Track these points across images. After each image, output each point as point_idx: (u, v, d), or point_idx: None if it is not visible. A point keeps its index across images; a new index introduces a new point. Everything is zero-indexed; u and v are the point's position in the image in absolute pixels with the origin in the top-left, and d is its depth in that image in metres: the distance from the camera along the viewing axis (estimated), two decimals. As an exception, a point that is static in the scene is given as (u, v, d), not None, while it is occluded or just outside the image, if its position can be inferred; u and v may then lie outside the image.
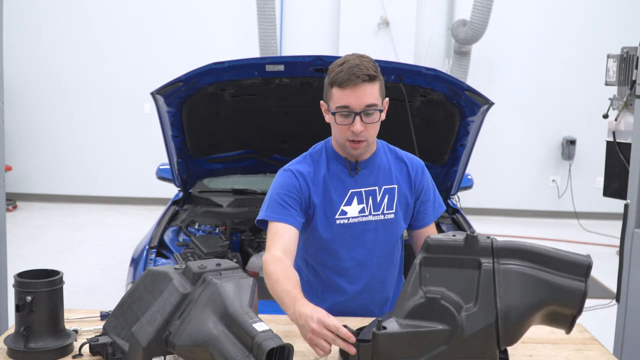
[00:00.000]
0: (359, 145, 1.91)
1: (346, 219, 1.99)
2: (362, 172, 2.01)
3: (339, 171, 2.01)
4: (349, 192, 1.99)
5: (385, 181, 2.02)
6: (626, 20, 7.00)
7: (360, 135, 1.88)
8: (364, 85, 1.84)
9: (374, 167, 2.02)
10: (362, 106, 1.85)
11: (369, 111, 1.86)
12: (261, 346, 1.32)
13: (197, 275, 1.51)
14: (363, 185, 2.00)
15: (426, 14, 7.18)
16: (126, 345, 1.50)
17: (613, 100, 2.82)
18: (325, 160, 2.03)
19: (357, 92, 1.84)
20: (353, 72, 1.83)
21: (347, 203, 1.99)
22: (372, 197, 2.00)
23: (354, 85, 1.83)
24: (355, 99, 1.84)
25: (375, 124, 1.90)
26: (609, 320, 2.95)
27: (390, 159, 2.07)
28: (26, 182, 7.42)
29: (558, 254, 1.53)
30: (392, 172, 2.04)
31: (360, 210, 2.00)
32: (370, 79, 1.84)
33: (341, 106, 1.86)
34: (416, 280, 1.51)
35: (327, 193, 1.99)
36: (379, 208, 2.01)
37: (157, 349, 1.45)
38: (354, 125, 1.86)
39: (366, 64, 1.86)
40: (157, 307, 1.48)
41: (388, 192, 2.02)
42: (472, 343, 1.47)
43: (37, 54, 7.24)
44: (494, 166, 7.41)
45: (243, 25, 7.14)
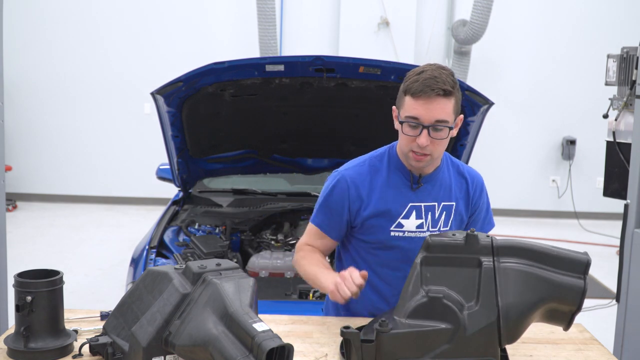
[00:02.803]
0: (422, 158, 1.83)
1: (402, 232, 1.92)
2: (424, 187, 1.93)
3: (400, 182, 1.92)
4: (408, 205, 1.91)
5: (444, 198, 1.95)
6: (626, 20, 7.00)
7: (426, 149, 1.80)
8: (438, 100, 1.76)
9: (436, 183, 1.94)
10: (431, 120, 1.77)
11: (438, 126, 1.78)
12: (261, 346, 1.32)
13: (197, 275, 1.51)
14: (424, 200, 1.92)
15: (426, 14, 7.18)
16: (126, 345, 1.50)
17: (613, 100, 2.82)
18: (387, 168, 1.94)
19: (429, 105, 1.76)
20: (429, 84, 1.75)
21: (405, 216, 1.91)
22: (431, 213, 1.93)
23: (427, 98, 1.76)
24: (426, 112, 1.77)
25: (443, 141, 1.82)
26: (609, 320, 2.95)
27: (452, 174, 1.99)
28: (26, 182, 7.42)
29: (557, 252, 1.53)
30: (452, 189, 1.96)
31: (419, 226, 1.92)
32: (445, 93, 1.76)
33: (410, 116, 1.79)
34: (417, 280, 1.51)
35: (385, 203, 1.91)
36: (436, 225, 1.94)
37: (157, 349, 1.45)
38: (420, 139, 1.79)
39: (444, 77, 1.78)
40: (157, 307, 1.48)
41: (446, 209, 1.94)
42: (475, 341, 1.47)
43: (37, 54, 7.24)
44: (494, 166, 7.40)
45: (243, 25, 7.14)
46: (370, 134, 3.47)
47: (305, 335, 1.76)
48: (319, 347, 1.68)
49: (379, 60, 2.86)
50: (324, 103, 3.18)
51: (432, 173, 1.94)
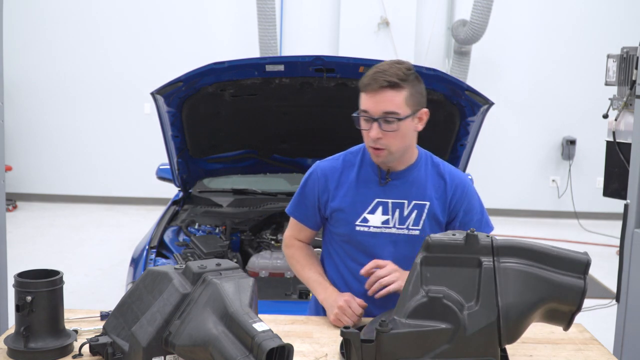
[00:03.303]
0: (379, 152, 1.85)
1: (367, 227, 1.93)
2: (392, 183, 1.93)
3: (369, 178, 1.95)
4: (374, 201, 1.93)
5: (416, 196, 1.93)
6: (626, 20, 7.00)
7: (379, 142, 1.83)
8: (384, 92, 1.79)
9: (407, 180, 1.94)
10: (379, 112, 1.80)
11: (387, 118, 1.80)
12: (261, 346, 1.32)
13: (197, 275, 1.51)
14: (391, 196, 1.93)
15: (426, 14, 7.18)
16: (126, 345, 1.50)
17: (613, 100, 2.82)
18: (360, 163, 1.97)
19: (376, 97, 1.80)
20: (375, 77, 1.79)
21: (371, 211, 1.93)
22: (399, 210, 1.92)
23: (373, 91, 1.80)
24: (373, 105, 1.81)
25: (396, 133, 1.82)
26: (609, 320, 2.95)
27: (430, 173, 1.97)
28: (26, 182, 7.43)
29: (557, 252, 1.53)
30: (426, 188, 1.94)
31: (384, 222, 1.93)
32: (391, 85, 1.79)
33: (362, 110, 1.84)
34: (417, 280, 1.51)
35: (352, 197, 1.94)
36: (404, 222, 1.93)
37: (157, 349, 1.45)
38: (371, 132, 1.82)
39: (394, 70, 1.80)
40: (157, 307, 1.48)
41: (417, 208, 1.93)
42: (475, 341, 1.47)
43: (37, 54, 7.24)
44: (494, 166, 7.40)
45: (243, 25, 7.14)
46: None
47: (305, 335, 1.76)
48: (319, 347, 1.68)
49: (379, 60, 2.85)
50: (324, 103, 3.17)
51: (404, 170, 1.94)
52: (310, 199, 2.00)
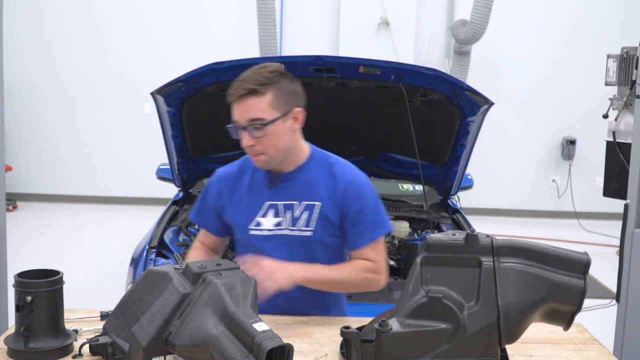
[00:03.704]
0: (257, 158, 1.85)
1: (259, 231, 1.92)
2: (282, 185, 1.92)
3: (261, 181, 1.95)
4: (265, 204, 1.92)
5: (307, 197, 1.90)
6: (626, 20, 7.00)
7: (253, 149, 1.83)
8: (246, 100, 1.78)
9: (297, 181, 1.92)
10: (245, 121, 1.80)
11: (255, 125, 1.79)
12: (261, 346, 1.32)
13: (197, 275, 1.51)
14: (281, 198, 1.91)
15: (426, 14, 7.18)
16: (126, 345, 1.50)
17: (613, 100, 2.82)
18: (253, 168, 1.96)
19: (240, 106, 1.80)
20: (235, 86, 1.80)
21: (263, 215, 1.92)
22: (290, 212, 1.90)
23: (236, 100, 1.80)
24: (239, 114, 1.81)
25: (267, 138, 1.81)
26: (609, 320, 2.95)
27: (323, 174, 1.93)
28: (26, 182, 7.43)
29: (557, 252, 1.53)
30: (317, 188, 1.90)
31: (277, 224, 1.91)
32: (250, 92, 1.77)
33: (232, 121, 1.84)
34: (417, 280, 1.51)
35: (245, 202, 1.94)
36: (295, 223, 1.90)
37: (157, 349, 1.45)
38: (242, 141, 1.83)
39: (256, 76, 1.79)
40: (157, 307, 1.48)
41: (308, 209, 1.90)
42: (475, 341, 1.47)
43: (38, 54, 7.24)
44: (494, 166, 7.41)
45: (243, 25, 7.14)
46: (370, 134, 3.47)
47: (305, 335, 1.76)
48: (319, 347, 1.68)
49: (379, 60, 2.86)
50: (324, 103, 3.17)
51: (292, 171, 1.92)
52: (208, 205, 2.02)
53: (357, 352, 1.47)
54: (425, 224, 3.51)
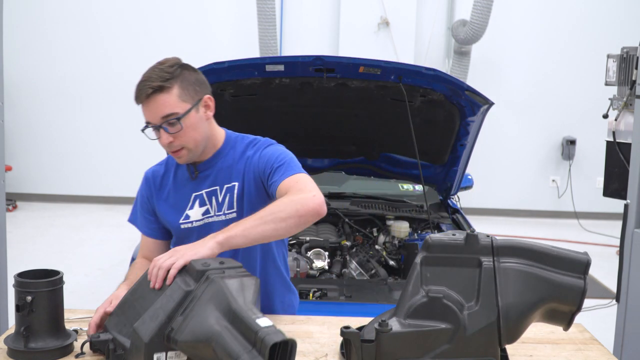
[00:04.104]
0: (179, 154, 1.85)
1: (190, 223, 1.92)
2: (202, 174, 1.93)
3: (184, 175, 1.96)
4: (192, 196, 1.93)
5: (225, 180, 1.92)
6: (626, 20, 7.00)
7: (173, 146, 1.82)
8: (154, 98, 1.77)
9: (215, 167, 1.93)
10: (158, 119, 1.79)
11: (169, 121, 1.78)
12: (264, 340, 1.32)
13: (200, 272, 1.51)
14: (202, 187, 1.93)
15: (426, 14, 7.18)
16: (127, 342, 1.50)
17: (613, 100, 2.82)
18: (176, 165, 1.98)
19: (149, 106, 1.79)
20: (139, 88, 1.78)
21: (190, 207, 1.93)
22: (214, 198, 1.91)
23: (144, 101, 1.79)
24: (150, 114, 1.80)
25: (187, 130, 1.80)
26: (609, 320, 2.95)
27: (238, 154, 1.94)
28: (26, 182, 7.42)
29: (557, 252, 1.53)
30: (233, 169, 1.92)
31: (204, 212, 1.92)
32: (157, 90, 1.76)
33: (145, 122, 1.83)
34: (417, 280, 1.51)
35: (172, 198, 1.95)
36: (220, 208, 1.91)
37: (159, 345, 1.45)
38: (161, 140, 1.82)
39: (157, 72, 1.78)
40: (160, 303, 1.48)
41: (229, 191, 1.91)
42: (475, 341, 1.47)
43: (38, 54, 7.24)
44: (494, 166, 7.41)
45: (243, 25, 7.14)
46: (370, 134, 3.48)
47: (306, 335, 1.76)
48: (319, 347, 1.68)
49: (379, 60, 2.86)
50: (324, 103, 3.18)
51: (209, 159, 1.93)
52: (142, 206, 2.02)
53: (357, 352, 1.47)
54: (425, 224, 3.51)
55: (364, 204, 3.67)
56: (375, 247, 3.34)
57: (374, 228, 3.53)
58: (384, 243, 3.38)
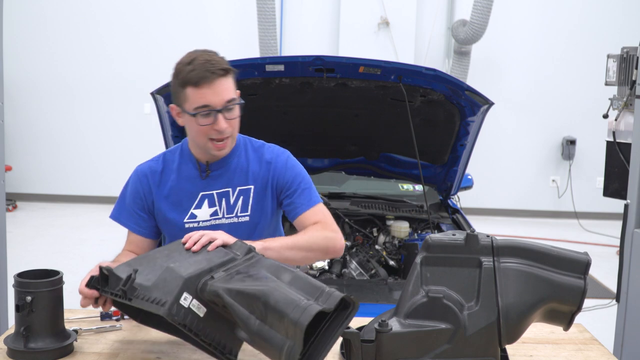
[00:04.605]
0: (224, 144, 1.83)
1: (196, 223, 1.89)
2: (213, 174, 1.90)
3: (190, 173, 1.91)
4: (199, 195, 1.89)
5: (240, 182, 1.90)
6: (626, 20, 7.00)
7: (226, 132, 1.79)
8: (221, 80, 1.75)
9: (228, 168, 1.91)
10: (222, 102, 1.76)
11: (229, 106, 1.77)
12: (333, 295, 1.33)
13: (248, 248, 1.52)
14: (214, 187, 1.89)
15: (426, 14, 7.18)
16: (150, 280, 1.42)
17: (613, 100, 2.82)
18: (179, 161, 1.93)
19: (215, 88, 1.74)
20: (207, 67, 1.74)
21: (197, 206, 1.89)
22: (225, 199, 1.89)
23: (210, 82, 1.73)
24: (214, 96, 1.75)
25: (236, 119, 1.82)
26: (609, 320, 2.95)
27: (251, 157, 1.94)
28: (26, 182, 7.42)
29: (557, 252, 1.53)
30: (249, 172, 1.91)
31: (212, 214, 1.89)
32: (225, 72, 1.76)
33: (200, 106, 1.76)
34: (417, 280, 1.51)
35: (176, 196, 1.90)
36: (232, 210, 1.89)
37: (191, 288, 1.40)
38: (219, 124, 1.77)
39: (217, 58, 1.78)
40: (202, 257, 1.46)
41: (242, 194, 1.89)
42: (475, 341, 1.47)
43: (38, 54, 7.24)
44: (494, 166, 7.41)
45: (243, 25, 7.14)
46: (370, 134, 3.47)
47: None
48: (319, 347, 1.68)
49: (379, 60, 2.86)
50: (324, 103, 3.18)
51: (223, 159, 1.90)
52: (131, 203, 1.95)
53: (357, 352, 1.47)
54: (425, 224, 3.51)
55: (364, 204, 3.67)
56: (375, 247, 3.34)
57: (374, 228, 3.53)
58: (384, 243, 3.38)
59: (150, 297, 1.40)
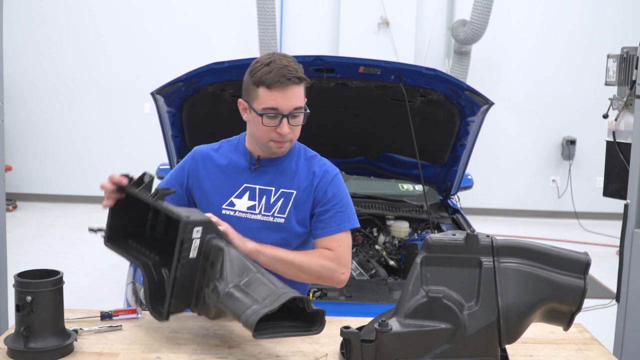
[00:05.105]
0: (284, 144, 1.88)
1: (232, 211, 1.93)
2: (262, 169, 1.95)
3: (240, 164, 1.97)
4: (242, 186, 1.94)
5: (284, 184, 1.94)
6: (626, 20, 7.00)
7: (287, 137, 1.85)
8: (293, 88, 1.80)
9: (277, 168, 1.95)
10: (290, 109, 1.82)
11: (295, 113, 1.83)
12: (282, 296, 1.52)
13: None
14: (259, 182, 1.94)
15: (426, 14, 7.18)
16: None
17: (613, 100, 2.82)
18: (234, 150, 2.00)
19: (286, 94, 1.80)
20: (283, 73, 1.78)
21: (238, 196, 1.94)
22: (265, 197, 1.93)
23: (283, 87, 1.79)
24: (284, 101, 1.80)
25: (299, 127, 1.88)
26: (609, 320, 2.95)
27: (302, 164, 1.98)
28: (26, 182, 7.42)
29: (557, 252, 1.53)
30: (295, 177, 1.95)
31: (250, 207, 1.93)
32: (299, 81, 1.81)
33: (269, 107, 1.81)
34: (417, 280, 1.51)
35: (221, 181, 1.95)
36: (270, 209, 1.93)
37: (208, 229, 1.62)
38: (282, 128, 1.82)
39: (294, 65, 1.82)
40: None
41: (284, 196, 1.93)
42: (475, 341, 1.47)
43: (38, 54, 7.24)
44: (494, 166, 7.41)
45: (243, 25, 7.14)
46: (370, 134, 3.47)
47: (305, 335, 1.75)
48: (319, 347, 1.68)
49: (379, 60, 2.86)
50: (324, 103, 3.17)
51: (275, 158, 1.95)
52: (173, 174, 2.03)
53: (357, 352, 1.47)
54: (425, 224, 3.51)
55: (364, 204, 3.67)
56: (375, 247, 3.34)
57: (374, 228, 3.53)
58: (384, 243, 3.38)
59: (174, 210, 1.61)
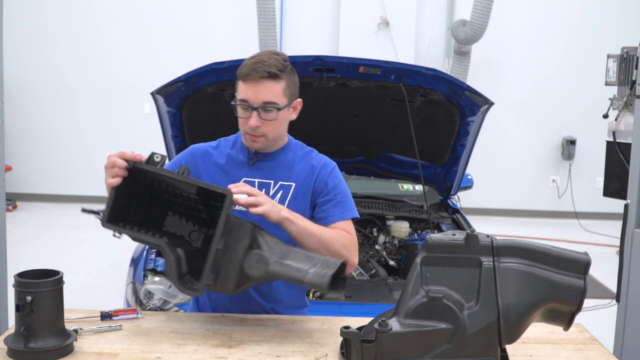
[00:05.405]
0: (256, 139, 1.90)
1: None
2: (260, 164, 1.98)
3: (239, 159, 1.99)
4: (241, 180, 1.96)
5: (282, 177, 1.97)
6: (626, 20, 7.01)
7: (257, 130, 1.88)
8: (264, 82, 1.84)
9: (275, 162, 1.99)
10: (259, 102, 1.85)
11: (266, 107, 1.86)
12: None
13: None
14: (258, 176, 1.97)
15: (426, 14, 7.18)
16: None
17: (613, 100, 2.82)
18: (231, 147, 2.03)
19: (256, 87, 1.84)
20: (255, 67, 1.83)
21: None
22: (264, 190, 1.95)
23: (253, 81, 1.84)
24: (253, 94, 1.85)
25: (274, 122, 1.89)
26: (609, 320, 2.95)
27: (299, 158, 2.02)
28: (26, 182, 7.43)
29: (557, 252, 1.53)
30: (293, 170, 1.98)
31: None
32: (271, 76, 1.84)
33: (241, 99, 1.88)
34: (417, 280, 1.51)
35: (220, 176, 1.98)
36: None
37: None
38: (250, 120, 1.87)
39: (273, 61, 1.85)
40: None
41: (283, 189, 1.96)
42: (475, 341, 1.47)
43: (38, 54, 7.24)
44: (494, 166, 7.41)
45: (243, 25, 7.14)
46: (370, 134, 3.47)
47: (305, 335, 1.75)
48: (319, 347, 1.68)
49: (379, 60, 2.86)
50: (324, 103, 3.18)
51: (272, 152, 1.99)
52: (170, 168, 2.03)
53: (357, 352, 1.47)
54: (425, 224, 3.51)
55: (364, 204, 3.67)
56: (375, 247, 3.34)
57: (374, 228, 3.53)
58: (384, 243, 3.38)
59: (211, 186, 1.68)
